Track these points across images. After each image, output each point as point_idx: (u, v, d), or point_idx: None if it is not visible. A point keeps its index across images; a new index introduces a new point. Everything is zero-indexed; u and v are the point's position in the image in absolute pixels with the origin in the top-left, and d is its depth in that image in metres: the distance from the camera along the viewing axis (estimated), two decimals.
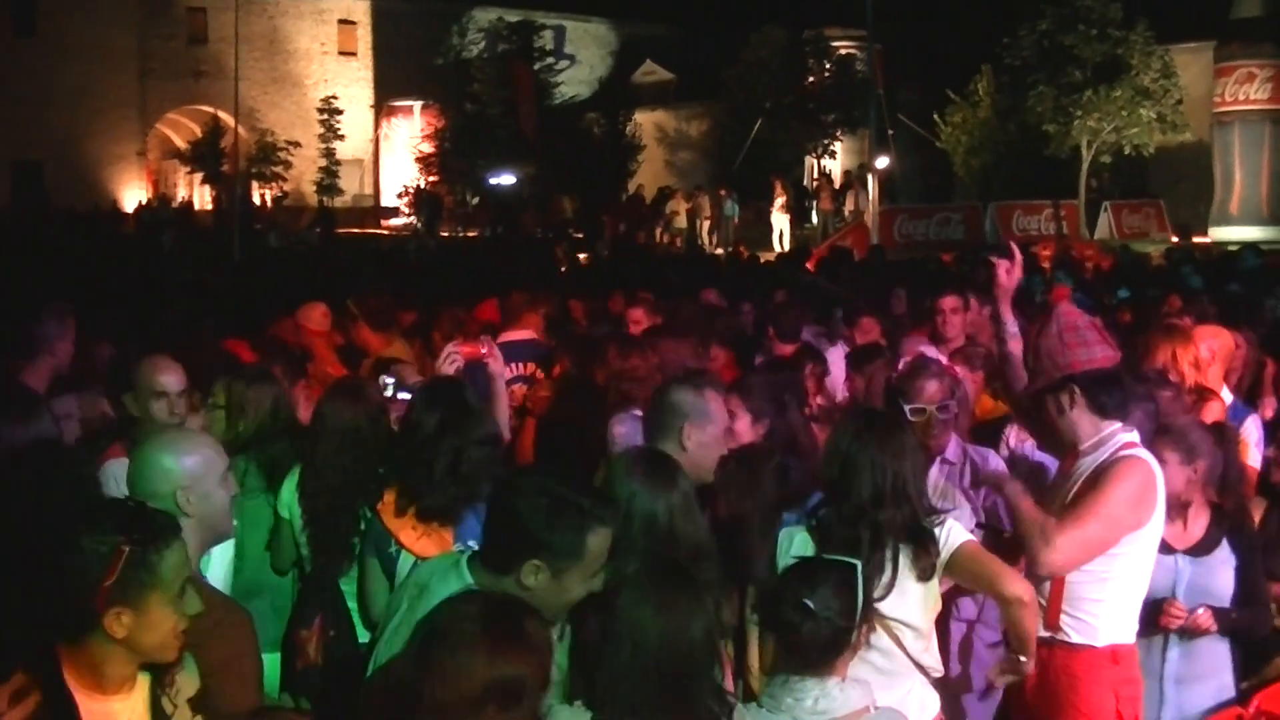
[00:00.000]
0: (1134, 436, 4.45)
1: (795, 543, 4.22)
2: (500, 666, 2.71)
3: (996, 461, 5.63)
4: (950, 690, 4.71)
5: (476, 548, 3.56)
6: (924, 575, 4.14)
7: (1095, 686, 4.33)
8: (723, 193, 38.36)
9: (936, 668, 4.30)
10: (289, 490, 5.36)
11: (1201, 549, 5.09)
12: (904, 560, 4.11)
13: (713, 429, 4.69)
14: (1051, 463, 5.10)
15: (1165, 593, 4.84)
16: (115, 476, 4.64)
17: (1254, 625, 5.16)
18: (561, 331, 9.30)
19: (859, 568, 3.60)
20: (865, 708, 3.50)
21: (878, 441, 4.22)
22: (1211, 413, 6.17)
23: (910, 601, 4.12)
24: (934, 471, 5.40)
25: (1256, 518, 5.56)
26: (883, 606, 4.03)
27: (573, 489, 3.38)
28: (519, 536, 3.28)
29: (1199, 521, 5.13)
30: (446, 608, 2.84)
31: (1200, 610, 4.91)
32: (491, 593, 3.03)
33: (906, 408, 5.36)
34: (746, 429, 5.51)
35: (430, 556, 4.18)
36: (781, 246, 32.01)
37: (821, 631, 3.47)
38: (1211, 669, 4.99)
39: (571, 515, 3.29)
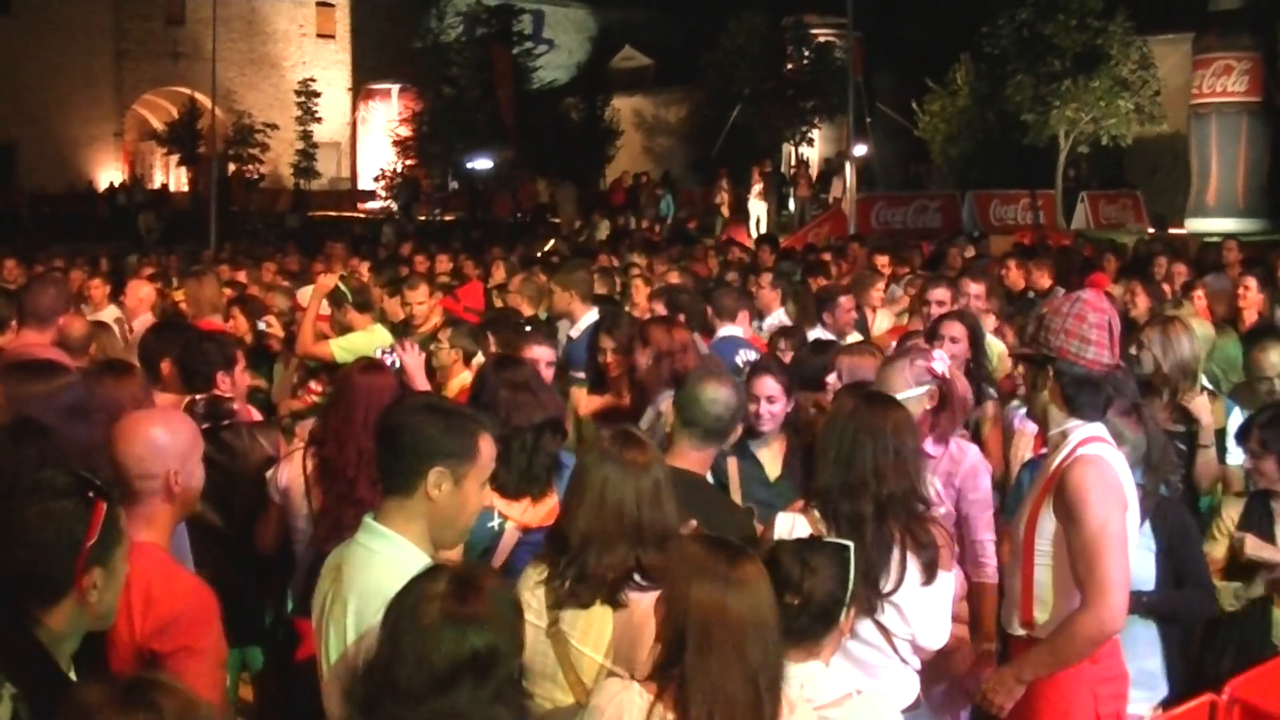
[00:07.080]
0: (1095, 429, 4.26)
1: (796, 527, 4.20)
2: (471, 639, 2.67)
3: (977, 458, 5.49)
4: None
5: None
6: (928, 572, 4.11)
7: (1073, 685, 4.17)
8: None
9: (918, 664, 4.28)
10: (287, 474, 5.34)
11: None
12: (909, 551, 4.09)
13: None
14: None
15: None
16: None
17: (1185, 609, 5.07)
18: None
19: (852, 548, 3.61)
20: (849, 693, 3.49)
21: (878, 416, 4.20)
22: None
23: (910, 593, 4.10)
24: None
25: (1235, 512, 5.56)
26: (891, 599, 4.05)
27: (448, 402, 3.68)
28: (418, 447, 3.36)
29: None
30: (411, 587, 2.79)
31: None
32: (454, 566, 2.97)
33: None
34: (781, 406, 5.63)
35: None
36: (759, 233, 31.95)
37: (819, 593, 3.47)
38: (1130, 655, 4.62)
39: (459, 419, 3.47)
